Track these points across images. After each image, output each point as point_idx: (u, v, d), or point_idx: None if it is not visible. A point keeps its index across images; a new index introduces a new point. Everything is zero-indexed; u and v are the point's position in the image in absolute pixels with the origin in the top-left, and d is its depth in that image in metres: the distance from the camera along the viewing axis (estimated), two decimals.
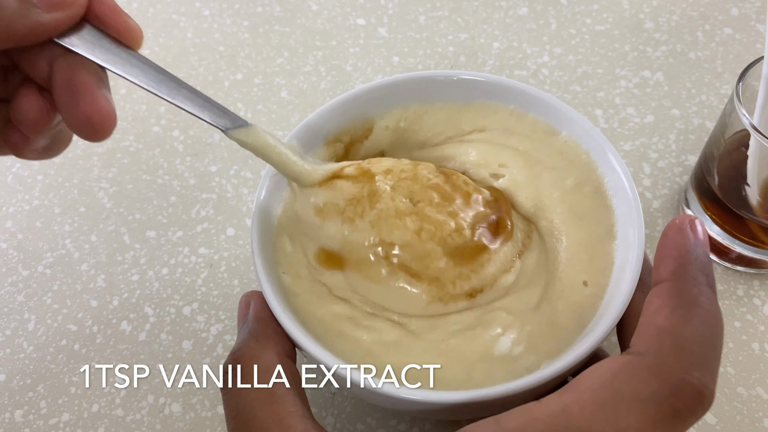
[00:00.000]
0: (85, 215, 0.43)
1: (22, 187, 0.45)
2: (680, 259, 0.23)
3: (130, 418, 0.35)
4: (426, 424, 0.34)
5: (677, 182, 0.42)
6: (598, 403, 0.20)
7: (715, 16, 0.50)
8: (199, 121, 0.46)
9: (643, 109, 0.45)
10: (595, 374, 0.21)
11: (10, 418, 0.35)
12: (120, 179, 0.45)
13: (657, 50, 0.49)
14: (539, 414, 0.21)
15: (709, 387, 0.20)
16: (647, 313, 0.23)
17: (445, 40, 0.51)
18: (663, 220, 0.40)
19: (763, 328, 0.36)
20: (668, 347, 0.21)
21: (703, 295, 0.22)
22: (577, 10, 0.52)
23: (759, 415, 0.33)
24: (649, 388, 0.20)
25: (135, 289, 0.40)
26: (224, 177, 0.44)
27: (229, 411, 0.25)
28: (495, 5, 0.53)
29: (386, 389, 0.25)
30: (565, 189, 0.32)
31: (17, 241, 0.42)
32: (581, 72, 0.48)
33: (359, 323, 0.29)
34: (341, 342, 0.28)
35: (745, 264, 0.37)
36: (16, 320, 0.39)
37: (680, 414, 0.20)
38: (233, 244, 0.41)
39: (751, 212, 0.35)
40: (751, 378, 0.34)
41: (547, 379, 0.25)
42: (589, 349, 0.25)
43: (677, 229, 0.24)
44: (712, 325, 0.22)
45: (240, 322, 0.28)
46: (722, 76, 0.47)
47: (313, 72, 0.49)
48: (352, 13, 0.53)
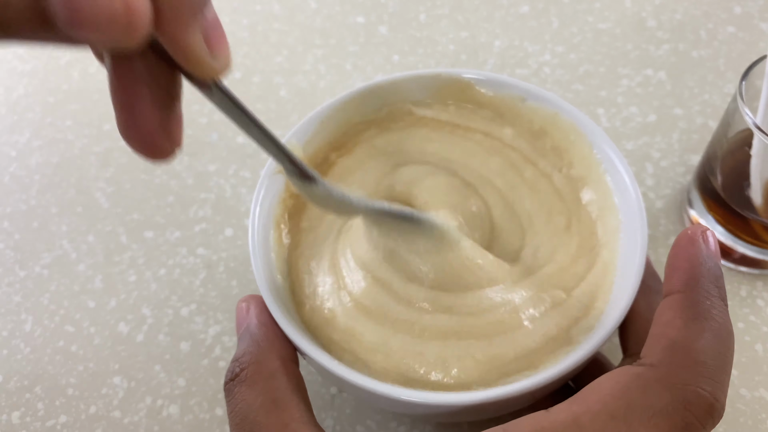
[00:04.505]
0: (82, 215, 0.43)
1: (19, 187, 0.44)
2: (692, 270, 0.23)
3: (127, 420, 0.35)
4: (426, 426, 0.34)
5: (680, 182, 0.41)
6: (609, 415, 0.20)
7: (717, 14, 0.50)
8: (197, 120, 0.46)
9: (645, 108, 0.45)
10: (606, 385, 0.21)
11: (7, 419, 0.35)
12: (117, 179, 0.44)
13: (659, 49, 0.48)
14: (549, 424, 0.21)
15: (720, 400, 0.20)
16: (659, 324, 0.23)
17: (445, 38, 0.50)
18: (666, 220, 0.40)
19: (767, 329, 0.36)
20: (681, 360, 0.21)
21: (715, 308, 0.22)
22: (579, 8, 0.51)
23: (762, 417, 0.33)
24: (661, 401, 0.20)
25: (133, 290, 0.39)
26: (222, 177, 0.44)
27: (232, 418, 0.24)
28: (496, 3, 0.52)
29: (386, 392, 0.25)
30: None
31: (14, 242, 0.42)
32: (583, 71, 0.47)
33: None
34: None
35: (748, 264, 0.37)
36: (13, 321, 0.39)
37: (691, 427, 0.20)
38: (231, 244, 0.41)
39: (755, 212, 0.35)
40: (754, 379, 0.34)
41: (548, 381, 0.24)
42: (589, 352, 0.25)
43: (689, 240, 0.24)
44: (723, 338, 0.22)
45: (239, 327, 0.27)
46: (725, 75, 0.46)
47: (312, 71, 0.49)
48: (352, 12, 0.53)
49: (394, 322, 0.28)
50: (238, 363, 0.25)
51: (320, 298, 0.29)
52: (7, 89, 0.50)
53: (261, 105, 0.47)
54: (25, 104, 0.49)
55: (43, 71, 0.51)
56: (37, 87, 0.50)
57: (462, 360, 0.27)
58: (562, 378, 0.25)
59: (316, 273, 0.30)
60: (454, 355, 0.27)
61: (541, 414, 0.21)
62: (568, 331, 0.27)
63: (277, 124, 0.46)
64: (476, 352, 0.27)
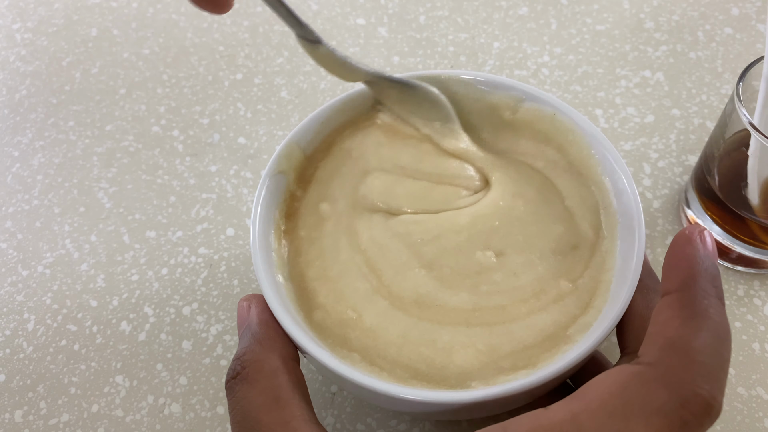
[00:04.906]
0: (84, 215, 0.43)
1: (22, 187, 0.45)
2: (689, 270, 0.23)
3: (129, 419, 0.35)
4: (426, 424, 0.34)
5: (677, 182, 0.42)
6: (607, 413, 0.20)
7: (715, 15, 0.50)
8: (199, 121, 0.47)
9: (643, 109, 0.45)
10: (605, 383, 0.22)
11: (9, 418, 0.35)
12: (120, 179, 0.45)
13: (657, 50, 0.48)
14: (547, 422, 0.21)
15: (718, 399, 0.21)
16: (656, 323, 0.23)
17: (445, 39, 0.51)
18: (663, 220, 0.40)
19: (764, 328, 0.36)
20: (679, 359, 0.21)
21: (713, 307, 0.22)
22: (578, 9, 0.52)
23: (759, 416, 0.33)
24: (659, 400, 0.20)
25: (135, 290, 0.40)
26: (224, 177, 0.44)
27: (234, 416, 0.25)
28: (495, 5, 0.53)
29: (386, 389, 0.25)
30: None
31: (17, 241, 0.42)
32: (581, 72, 0.48)
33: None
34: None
35: (745, 264, 0.37)
36: (15, 320, 0.39)
37: (689, 426, 0.20)
38: (233, 244, 0.41)
39: (752, 212, 0.35)
40: (751, 378, 0.34)
41: (546, 380, 0.24)
42: (587, 350, 0.25)
43: (687, 240, 0.24)
44: (721, 337, 0.22)
45: (240, 326, 0.28)
46: (722, 76, 0.47)
47: (313, 72, 0.49)
48: (352, 13, 0.53)
49: (429, 308, 0.29)
50: (240, 361, 0.26)
51: (345, 301, 0.29)
52: (10, 90, 0.50)
53: (262, 106, 0.47)
54: (28, 105, 0.49)
55: (45, 72, 0.51)
56: (40, 88, 0.50)
57: (466, 349, 0.27)
58: (561, 376, 0.25)
59: (336, 279, 0.30)
60: (460, 342, 0.27)
61: (539, 412, 0.22)
62: (566, 329, 0.27)
63: (278, 124, 0.46)
64: (478, 341, 0.27)
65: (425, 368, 0.27)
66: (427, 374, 0.27)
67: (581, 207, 0.31)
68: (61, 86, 0.50)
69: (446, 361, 0.27)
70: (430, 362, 0.27)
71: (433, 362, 0.27)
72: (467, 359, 0.27)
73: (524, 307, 0.28)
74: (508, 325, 0.28)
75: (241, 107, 0.48)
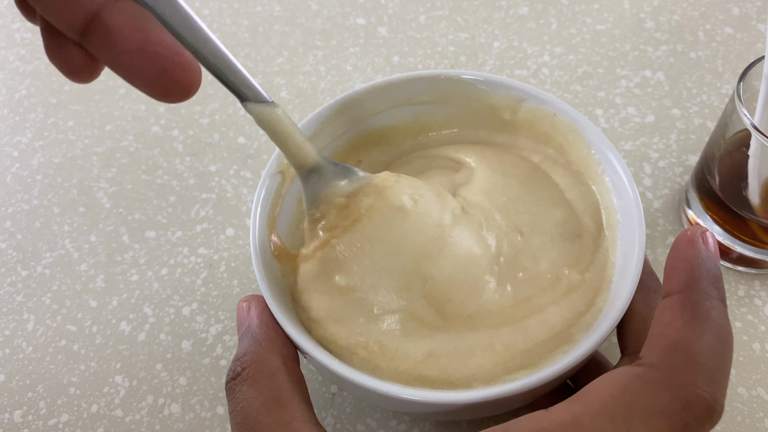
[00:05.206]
0: (84, 215, 0.43)
1: (22, 187, 0.45)
2: (692, 271, 0.23)
3: (129, 419, 0.35)
4: (426, 424, 0.34)
5: (678, 182, 0.42)
6: (609, 415, 0.20)
7: (716, 15, 0.50)
8: (198, 120, 0.47)
9: (643, 109, 0.45)
10: (606, 385, 0.21)
11: (9, 418, 0.35)
12: (119, 179, 0.44)
13: (658, 50, 0.48)
14: (549, 423, 0.21)
15: (719, 401, 0.21)
16: (658, 325, 0.23)
17: (445, 39, 0.50)
18: (664, 220, 0.40)
19: (764, 328, 0.36)
20: (680, 361, 0.21)
21: (715, 309, 0.22)
22: (578, 9, 0.52)
23: (760, 416, 0.33)
24: (661, 402, 0.20)
25: (134, 290, 0.40)
26: (224, 177, 0.44)
27: (234, 417, 0.25)
28: (495, 5, 0.52)
29: (386, 390, 0.25)
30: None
31: (16, 242, 0.42)
32: (582, 72, 0.48)
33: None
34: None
35: (745, 264, 0.37)
36: (15, 320, 0.39)
37: (690, 427, 0.20)
38: (233, 244, 0.41)
39: (752, 212, 0.35)
40: (751, 378, 0.34)
41: (546, 380, 0.24)
42: (588, 351, 0.25)
43: (689, 241, 0.24)
44: (723, 339, 0.22)
45: (240, 326, 0.27)
46: (723, 76, 0.47)
47: (313, 72, 0.49)
48: (352, 13, 0.53)
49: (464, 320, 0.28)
50: (240, 362, 0.26)
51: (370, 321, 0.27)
52: (9, 90, 0.50)
53: None
54: (28, 105, 0.49)
55: (45, 72, 0.51)
56: (40, 88, 0.50)
57: (485, 352, 0.27)
58: (561, 377, 0.25)
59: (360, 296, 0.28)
60: (481, 344, 0.27)
61: (540, 413, 0.22)
62: (571, 327, 0.27)
63: None
64: (497, 342, 0.27)
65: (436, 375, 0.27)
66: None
67: (581, 202, 0.31)
68: (61, 86, 0.50)
69: (461, 365, 0.27)
70: (443, 367, 0.27)
71: (447, 368, 0.27)
72: (482, 363, 0.26)
73: (544, 298, 0.28)
74: (528, 319, 0.27)
75: (240, 107, 0.47)
